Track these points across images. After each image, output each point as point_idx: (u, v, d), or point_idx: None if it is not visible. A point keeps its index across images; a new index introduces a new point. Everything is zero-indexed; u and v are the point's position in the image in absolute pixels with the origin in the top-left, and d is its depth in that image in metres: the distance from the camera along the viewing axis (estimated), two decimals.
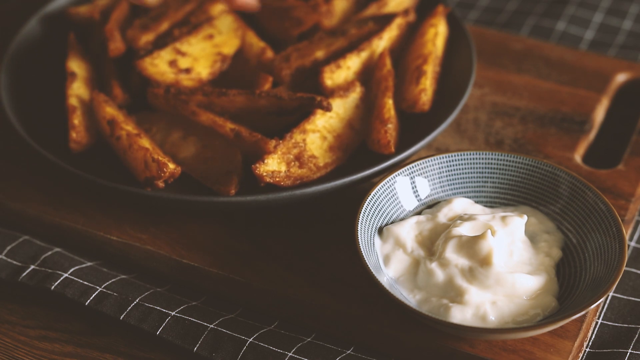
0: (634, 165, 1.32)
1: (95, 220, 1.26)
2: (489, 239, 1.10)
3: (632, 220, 1.26)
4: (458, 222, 1.15)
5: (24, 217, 1.28)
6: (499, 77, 1.47)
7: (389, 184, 1.20)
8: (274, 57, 1.35)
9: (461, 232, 1.13)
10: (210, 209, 1.23)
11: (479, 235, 1.11)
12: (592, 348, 1.14)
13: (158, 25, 1.40)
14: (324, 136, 1.26)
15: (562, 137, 1.37)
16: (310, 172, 1.23)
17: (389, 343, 1.12)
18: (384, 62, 1.33)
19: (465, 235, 1.12)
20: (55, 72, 1.41)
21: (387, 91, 1.29)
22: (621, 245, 1.10)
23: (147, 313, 1.15)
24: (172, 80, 1.32)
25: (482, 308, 1.08)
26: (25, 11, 1.54)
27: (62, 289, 1.18)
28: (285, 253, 1.21)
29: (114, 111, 1.29)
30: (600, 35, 1.63)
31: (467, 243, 1.11)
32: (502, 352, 1.09)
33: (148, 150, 1.23)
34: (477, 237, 1.11)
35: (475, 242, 1.10)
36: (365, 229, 1.15)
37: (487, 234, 1.10)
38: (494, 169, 1.22)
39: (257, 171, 1.20)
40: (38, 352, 1.16)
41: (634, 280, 1.21)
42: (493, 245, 1.10)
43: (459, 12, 1.69)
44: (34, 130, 1.30)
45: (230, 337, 1.12)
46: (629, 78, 1.47)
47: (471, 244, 1.11)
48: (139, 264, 1.24)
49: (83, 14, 1.48)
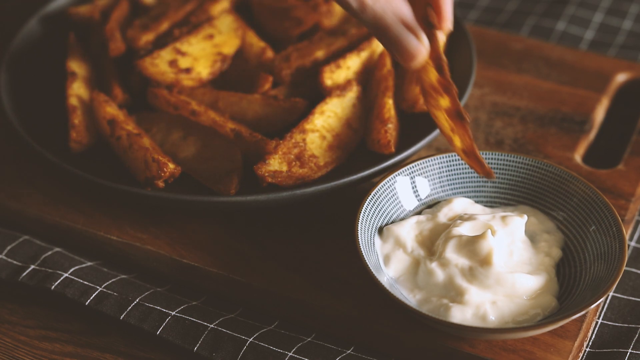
0: (634, 165, 1.32)
1: (95, 220, 1.26)
2: (489, 239, 1.10)
3: (632, 220, 1.26)
4: (458, 222, 1.15)
5: (24, 217, 1.28)
6: (499, 77, 1.47)
7: (389, 184, 1.20)
8: (274, 57, 1.35)
9: (461, 232, 1.13)
10: (210, 209, 1.23)
11: (479, 235, 1.11)
12: (592, 348, 1.14)
13: (158, 25, 1.40)
14: (323, 135, 1.26)
15: (562, 137, 1.37)
16: (311, 172, 1.23)
17: (389, 343, 1.12)
18: (384, 62, 1.33)
19: (465, 235, 1.12)
20: (55, 72, 1.41)
21: (387, 91, 1.29)
22: (621, 245, 1.10)
23: (147, 313, 1.15)
24: (172, 80, 1.32)
25: (482, 308, 1.08)
26: (25, 11, 1.54)
27: (62, 288, 1.18)
28: (285, 253, 1.21)
29: (114, 111, 1.29)
30: (600, 35, 1.63)
31: (467, 243, 1.11)
32: (502, 352, 1.09)
33: (148, 150, 1.23)
34: (477, 237, 1.11)
35: (475, 242, 1.10)
36: (365, 229, 1.15)
37: (487, 233, 1.10)
38: (494, 169, 1.22)
39: (259, 171, 1.20)
40: (38, 352, 1.16)
41: (634, 280, 1.21)
42: (493, 245, 1.10)
43: (459, 12, 1.69)
44: (34, 130, 1.30)
45: (231, 337, 1.12)
46: (629, 78, 1.47)
47: (471, 243, 1.11)
48: (139, 264, 1.24)
49: (83, 14, 1.48)
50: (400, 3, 1.05)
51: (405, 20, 1.05)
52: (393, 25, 1.04)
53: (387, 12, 1.04)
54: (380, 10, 1.04)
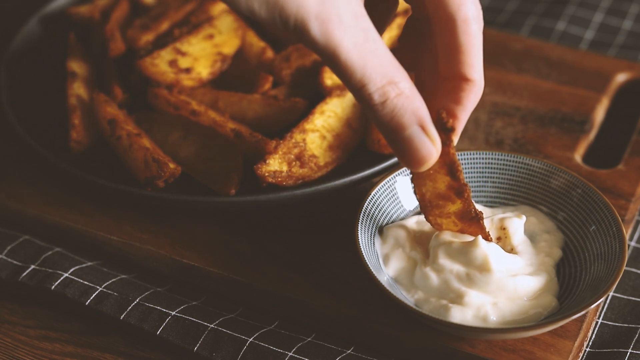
0: (634, 165, 1.32)
1: (95, 220, 1.26)
2: (482, 246, 1.09)
3: (632, 220, 1.26)
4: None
5: (24, 217, 1.28)
6: (499, 77, 1.47)
7: (389, 184, 1.20)
8: (274, 57, 1.35)
9: (450, 238, 1.12)
10: (210, 209, 1.23)
11: (471, 242, 1.10)
12: (592, 348, 1.13)
13: (158, 25, 1.40)
14: (323, 135, 1.26)
15: (562, 137, 1.37)
16: (312, 172, 1.23)
17: (389, 343, 1.12)
18: None
19: (456, 242, 1.11)
20: (55, 72, 1.41)
21: None
22: (621, 245, 1.10)
23: (148, 313, 1.15)
24: (172, 80, 1.32)
25: (482, 309, 1.07)
26: (25, 11, 1.55)
27: (63, 288, 1.18)
28: (285, 253, 1.21)
29: (114, 111, 1.29)
30: (600, 35, 1.63)
31: (459, 250, 1.10)
32: (502, 352, 1.09)
33: (148, 150, 1.23)
34: (468, 245, 1.10)
35: (468, 250, 1.09)
36: (365, 229, 1.14)
37: (478, 240, 1.09)
38: (494, 169, 1.22)
39: (259, 172, 1.20)
40: (38, 352, 1.16)
41: (634, 280, 1.21)
42: (488, 251, 1.09)
43: None
44: (34, 130, 1.30)
45: (231, 336, 1.12)
46: (629, 78, 1.47)
47: (464, 251, 1.09)
48: (139, 264, 1.24)
49: (83, 14, 1.48)
50: (420, 103, 0.97)
51: (423, 121, 0.96)
52: (410, 125, 0.96)
53: (407, 110, 0.96)
54: (400, 106, 0.96)
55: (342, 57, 0.92)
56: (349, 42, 0.92)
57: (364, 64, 0.93)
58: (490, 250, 1.09)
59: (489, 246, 1.09)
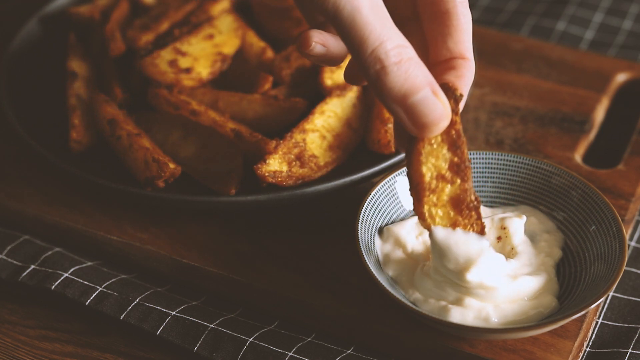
0: (634, 165, 1.32)
1: (95, 220, 1.26)
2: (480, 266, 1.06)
3: (632, 220, 1.26)
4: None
5: (24, 217, 1.28)
6: (499, 77, 1.47)
7: (389, 184, 1.20)
8: (274, 57, 1.35)
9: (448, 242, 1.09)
10: (210, 209, 1.23)
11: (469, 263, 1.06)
12: (592, 348, 1.13)
13: (158, 25, 1.40)
14: (323, 135, 1.26)
15: (562, 137, 1.37)
16: (312, 172, 1.23)
17: (389, 343, 1.12)
18: None
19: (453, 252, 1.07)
20: (55, 72, 1.41)
21: None
22: (621, 245, 1.10)
23: (148, 313, 1.15)
24: (173, 80, 1.32)
25: (484, 311, 1.07)
26: (25, 11, 1.55)
27: (63, 288, 1.18)
28: (285, 253, 1.21)
29: (114, 111, 1.30)
30: (600, 35, 1.63)
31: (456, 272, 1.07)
32: (502, 352, 1.09)
33: (148, 150, 1.23)
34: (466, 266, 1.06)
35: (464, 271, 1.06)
36: (365, 229, 1.14)
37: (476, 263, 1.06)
38: (494, 169, 1.22)
39: (259, 171, 1.20)
40: (38, 352, 1.16)
41: (634, 280, 1.21)
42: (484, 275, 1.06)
43: None
44: (34, 130, 1.30)
45: (231, 336, 1.12)
46: (629, 78, 1.47)
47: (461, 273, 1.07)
48: (139, 264, 1.24)
49: (83, 14, 1.48)
50: (427, 70, 0.98)
51: (433, 84, 0.97)
52: (424, 86, 0.96)
53: (420, 72, 0.97)
54: (414, 67, 0.96)
55: (364, 12, 0.94)
56: (367, 2, 0.95)
57: (382, 23, 0.95)
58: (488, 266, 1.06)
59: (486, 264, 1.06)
